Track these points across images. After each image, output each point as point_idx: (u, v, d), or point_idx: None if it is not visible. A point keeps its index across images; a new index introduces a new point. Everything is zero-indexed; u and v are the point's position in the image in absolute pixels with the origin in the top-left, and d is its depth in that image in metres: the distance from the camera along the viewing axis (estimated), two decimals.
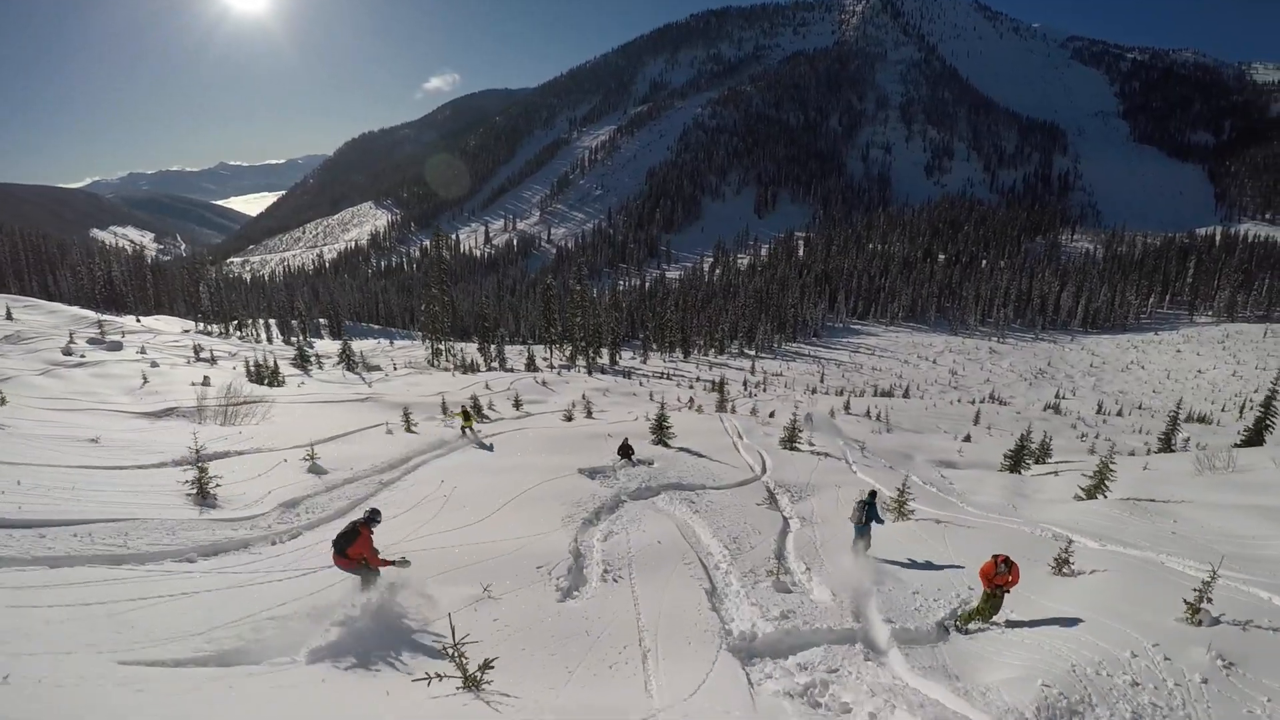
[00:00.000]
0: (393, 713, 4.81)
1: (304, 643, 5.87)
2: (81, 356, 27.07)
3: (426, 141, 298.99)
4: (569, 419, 21.93)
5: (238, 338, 59.03)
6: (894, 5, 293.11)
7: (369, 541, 6.78)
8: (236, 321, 66.98)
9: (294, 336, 62.34)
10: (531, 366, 49.56)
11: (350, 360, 40.56)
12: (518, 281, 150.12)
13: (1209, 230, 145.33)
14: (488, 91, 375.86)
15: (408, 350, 59.39)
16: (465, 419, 17.41)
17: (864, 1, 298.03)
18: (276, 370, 31.23)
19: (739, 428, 22.19)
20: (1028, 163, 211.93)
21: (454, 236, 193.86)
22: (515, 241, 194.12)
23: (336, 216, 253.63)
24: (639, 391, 39.99)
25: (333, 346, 49.27)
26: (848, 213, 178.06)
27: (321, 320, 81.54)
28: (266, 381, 26.93)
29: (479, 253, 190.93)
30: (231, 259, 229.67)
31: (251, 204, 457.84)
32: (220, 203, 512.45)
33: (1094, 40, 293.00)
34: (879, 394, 60.19)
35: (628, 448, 15.46)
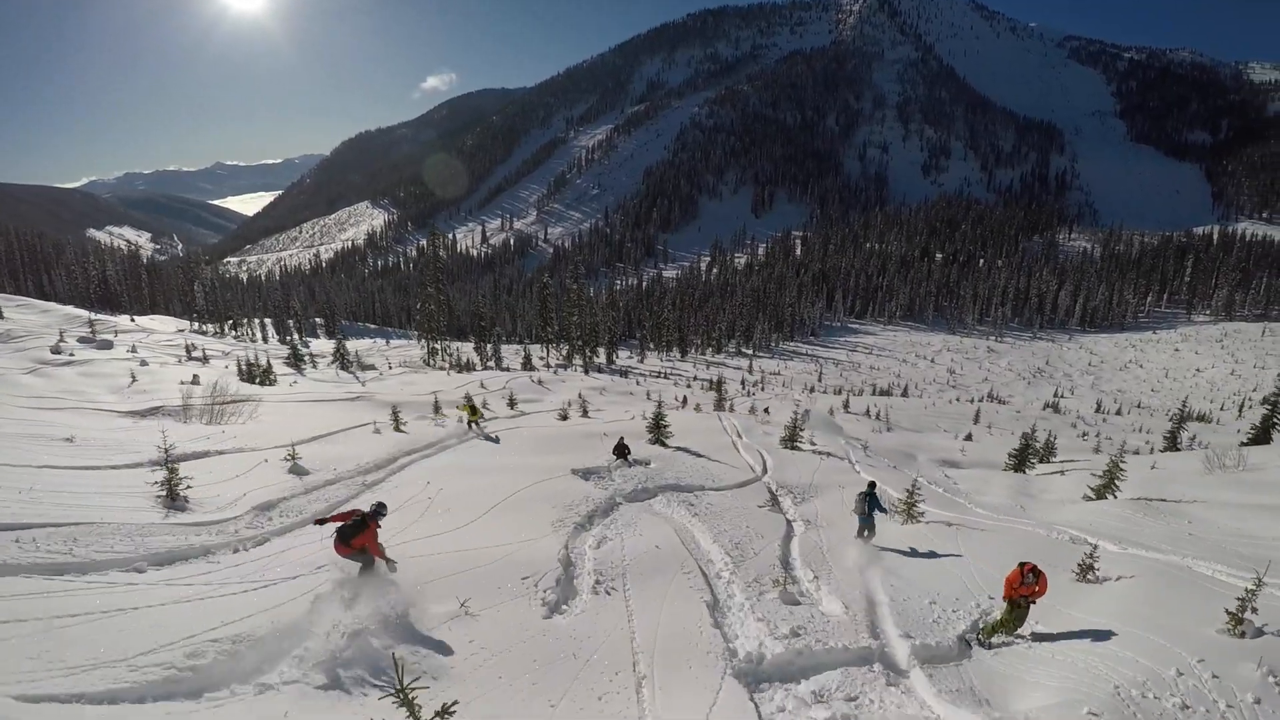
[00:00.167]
0: None
1: (249, 671, 5.24)
2: (70, 355, 26.56)
3: (423, 141, 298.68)
4: (564, 418, 21.46)
5: (233, 337, 58.50)
6: (891, 5, 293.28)
7: (375, 534, 6.98)
8: (232, 321, 66.53)
9: (289, 336, 61.79)
10: (528, 366, 49.11)
11: (344, 359, 40.10)
12: (515, 281, 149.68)
13: (1206, 229, 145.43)
14: (485, 91, 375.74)
15: (404, 350, 58.87)
16: (472, 413, 17.83)
17: (861, 1, 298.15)
18: (269, 369, 30.74)
19: (738, 426, 21.67)
20: (1025, 162, 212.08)
21: (451, 236, 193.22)
22: (512, 241, 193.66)
23: (333, 216, 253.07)
24: (636, 390, 39.52)
25: (328, 346, 48.70)
26: (845, 212, 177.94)
27: (318, 320, 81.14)
28: (258, 380, 26.40)
29: (476, 252, 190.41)
30: (228, 259, 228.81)
31: (248, 204, 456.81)
32: (217, 202, 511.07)
33: (1091, 40, 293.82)
34: (877, 393, 59.89)
35: (623, 447, 14.93)
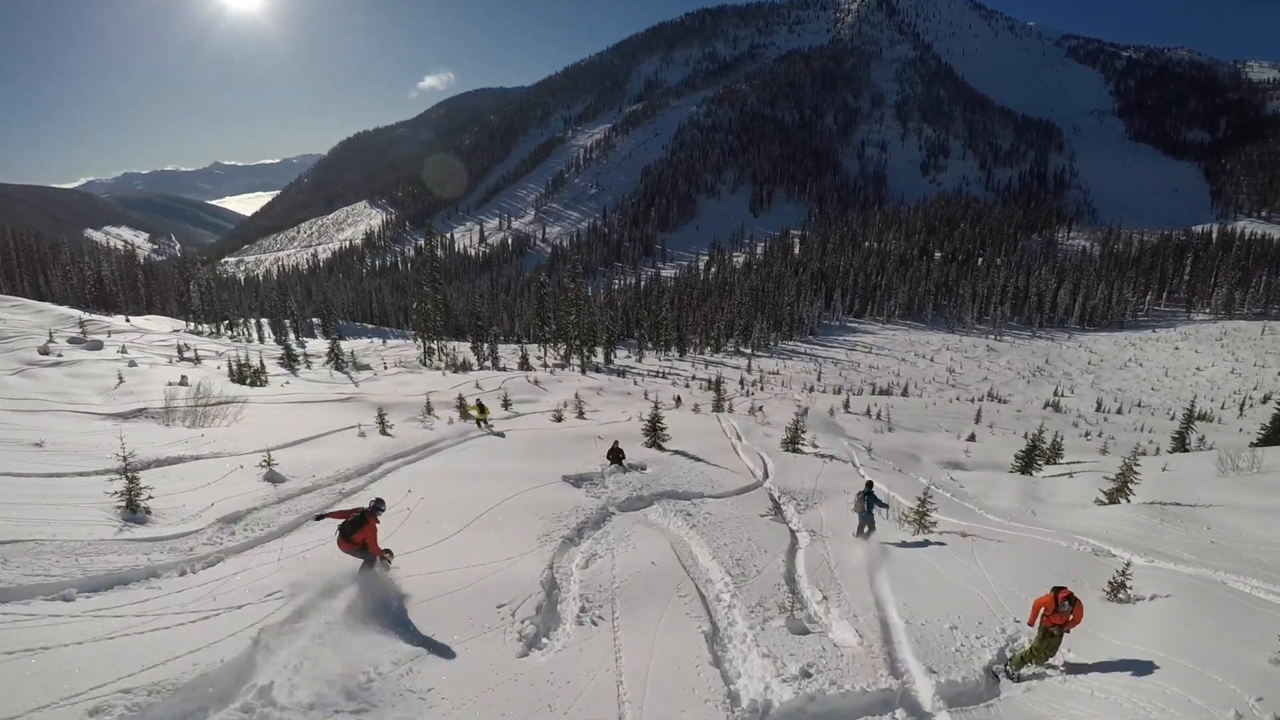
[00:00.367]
0: None
1: None
2: (59, 356, 26.30)
3: (421, 140, 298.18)
4: (559, 419, 21.22)
5: (229, 337, 58.28)
6: (889, 4, 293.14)
7: (374, 530, 7.14)
8: (228, 321, 66.29)
9: (286, 336, 61.53)
10: (525, 365, 48.92)
11: (339, 359, 39.86)
12: (512, 280, 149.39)
13: (1205, 228, 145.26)
14: (483, 90, 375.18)
15: (400, 350, 58.66)
16: (481, 411, 18.85)
17: (859, 0, 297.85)
18: (262, 369, 30.51)
19: (737, 428, 21.42)
20: (1023, 160, 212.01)
21: (449, 235, 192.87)
22: (510, 240, 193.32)
23: (331, 216, 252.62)
24: (633, 390, 39.30)
25: (324, 346, 48.49)
26: (843, 211, 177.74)
27: (315, 320, 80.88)
28: (249, 381, 26.15)
29: (474, 252, 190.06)
30: (226, 259, 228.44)
31: (246, 204, 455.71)
32: (215, 202, 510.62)
33: (1089, 38, 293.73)
34: (877, 392, 59.71)
35: (618, 451, 14.55)
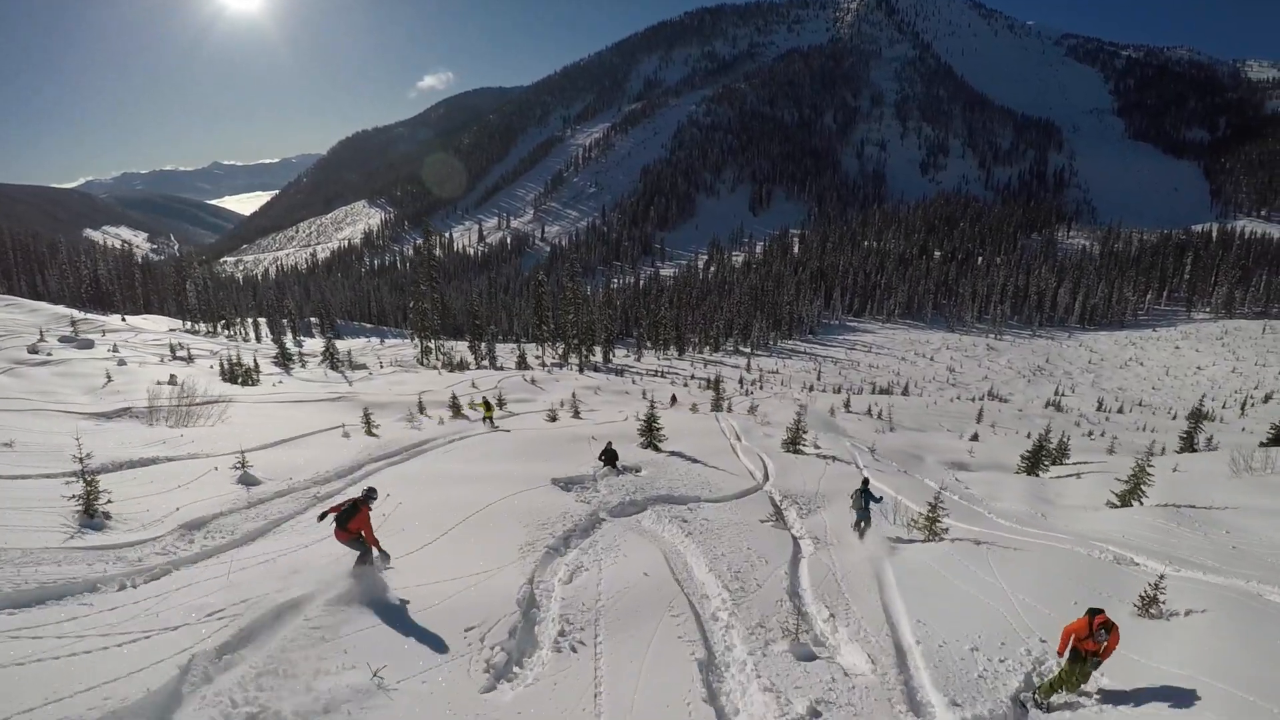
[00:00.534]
0: None
1: None
2: (48, 355, 26.01)
3: (420, 140, 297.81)
4: (553, 419, 20.86)
5: (225, 337, 57.98)
6: (888, 3, 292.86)
7: (368, 518, 7.14)
8: (224, 321, 66.02)
9: (283, 335, 61.25)
10: (522, 364, 48.56)
11: (334, 359, 39.52)
12: (511, 280, 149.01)
13: (1205, 227, 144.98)
14: (482, 89, 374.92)
15: (398, 349, 58.35)
16: (487, 409, 19.43)
17: None
18: (256, 368, 30.18)
19: (736, 428, 20.99)
20: (1023, 160, 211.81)
21: (448, 235, 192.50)
22: (509, 240, 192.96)
23: (330, 215, 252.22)
24: (631, 389, 38.95)
25: (320, 345, 48.16)
26: (843, 210, 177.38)
27: (313, 319, 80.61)
28: (240, 380, 25.80)
29: (473, 251, 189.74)
30: (225, 258, 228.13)
31: (245, 203, 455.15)
32: (214, 202, 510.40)
33: (1088, 37, 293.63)
34: (877, 391, 59.35)
35: (612, 453, 13.98)
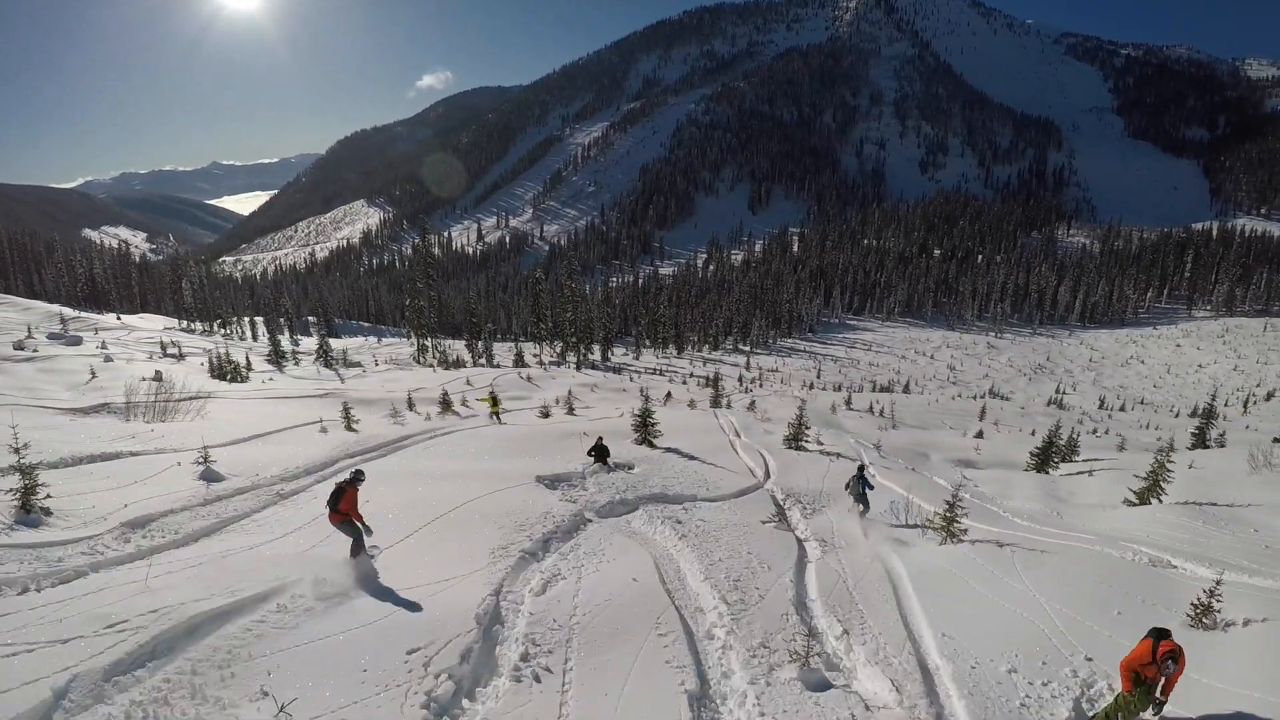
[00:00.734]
0: None
1: None
2: (33, 351, 25.77)
3: (419, 139, 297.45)
4: (546, 415, 20.51)
5: (220, 335, 57.63)
6: (887, 1, 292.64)
7: (355, 498, 7.31)
8: (220, 319, 65.64)
9: (279, 334, 60.92)
10: (519, 362, 48.27)
11: (328, 356, 39.21)
12: (510, 278, 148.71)
13: (1205, 225, 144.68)
14: (481, 89, 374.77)
15: (394, 347, 57.97)
16: (494, 404, 20.04)
17: None
18: (247, 365, 29.91)
19: (736, 425, 20.57)
20: (1022, 158, 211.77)
21: (447, 234, 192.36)
22: (508, 239, 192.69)
23: (329, 215, 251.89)
24: (628, 387, 38.62)
25: (316, 343, 47.87)
26: (842, 208, 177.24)
27: (311, 318, 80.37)
28: (229, 377, 25.48)
29: (471, 250, 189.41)
30: (224, 258, 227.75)
31: (244, 203, 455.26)
32: (213, 202, 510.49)
33: (1088, 36, 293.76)
34: (878, 389, 59.01)
35: (603, 448, 13.18)
